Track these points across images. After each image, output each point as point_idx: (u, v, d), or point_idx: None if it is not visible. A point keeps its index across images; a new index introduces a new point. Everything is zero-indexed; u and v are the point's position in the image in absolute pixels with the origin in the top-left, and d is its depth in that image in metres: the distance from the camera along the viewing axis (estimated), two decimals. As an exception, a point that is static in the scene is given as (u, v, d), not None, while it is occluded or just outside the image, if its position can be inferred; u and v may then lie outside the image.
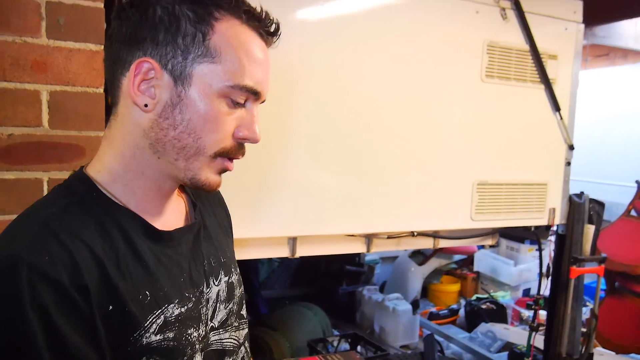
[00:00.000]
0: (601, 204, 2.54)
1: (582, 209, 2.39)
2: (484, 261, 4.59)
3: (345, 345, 2.98)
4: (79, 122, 1.29)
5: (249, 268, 3.77)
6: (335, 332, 3.28)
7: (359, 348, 3.00)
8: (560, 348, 2.45)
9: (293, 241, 1.81)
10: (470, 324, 3.81)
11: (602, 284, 3.58)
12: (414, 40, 1.88)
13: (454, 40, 1.96)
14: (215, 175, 0.80)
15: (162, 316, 0.75)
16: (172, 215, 0.85)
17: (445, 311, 4.07)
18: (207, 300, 0.84)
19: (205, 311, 0.83)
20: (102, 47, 1.30)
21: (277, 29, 0.81)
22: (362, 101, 1.82)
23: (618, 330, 3.31)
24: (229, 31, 0.76)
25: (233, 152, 0.80)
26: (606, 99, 5.61)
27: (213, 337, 0.85)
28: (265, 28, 0.80)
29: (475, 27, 1.99)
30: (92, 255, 0.71)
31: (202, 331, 0.82)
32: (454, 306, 4.18)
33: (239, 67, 0.75)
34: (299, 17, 1.68)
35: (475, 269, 4.65)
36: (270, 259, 4.10)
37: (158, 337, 0.74)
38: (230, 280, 0.90)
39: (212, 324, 0.85)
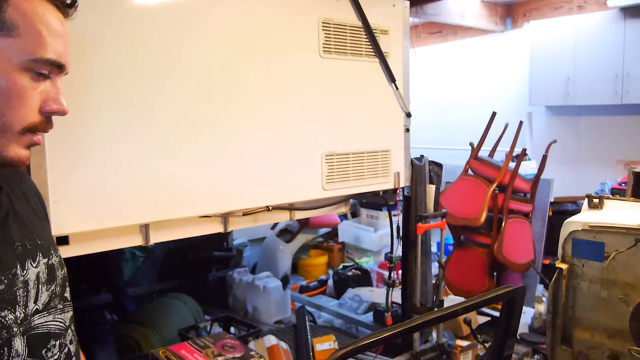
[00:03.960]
0: (439, 165, 2.80)
1: (422, 170, 2.61)
2: (347, 231, 4.83)
3: (218, 329, 2.98)
4: None
5: (111, 267, 3.60)
6: (207, 318, 3.26)
7: (232, 330, 3.02)
8: (415, 299, 2.68)
9: (146, 228, 1.77)
10: (339, 292, 4.00)
11: (450, 240, 3.96)
12: (252, 20, 1.91)
13: (290, 19, 2.02)
14: (24, 150, 0.77)
15: None
16: None
17: (315, 283, 4.23)
18: (26, 283, 0.81)
19: (23, 293, 0.80)
20: None
21: (74, 1, 0.81)
22: (206, 82, 1.81)
23: (466, 278, 3.68)
24: (25, 4, 0.73)
25: (41, 127, 0.78)
26: (442, 72, 6.13)
27: (38, 320, 0.82)
28: (64, 2, 0.79)
29: (309, 5, 2.06)
30: None
31: (21, 314, 0.78)
32: (323, 277, 4.36)
33: (39, 39, 0.74)
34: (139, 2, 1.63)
35: (340, 239, 4.88)
36: (134, 255, 3.95)
37: None
38: (50, 262, 0.87)
39: (36, 307, 0.82)
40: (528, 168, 4.39)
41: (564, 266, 1.33)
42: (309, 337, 2.89)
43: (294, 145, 2.08)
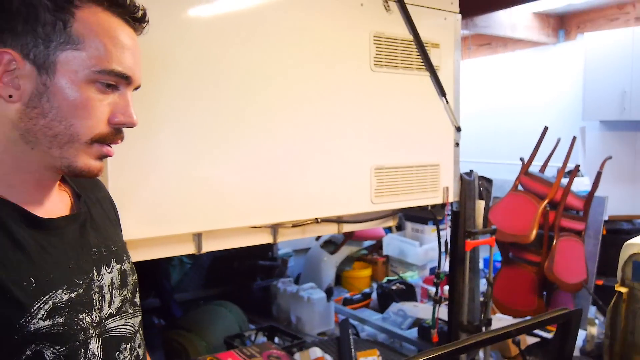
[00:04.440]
0: (489, 180, 2.75)
1: (472, 186, 2.57)
2: (392, 245, 4.79)
3: (262, 339, 3.01)
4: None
5: (159, 273, 3.69)
6: (252, 327, 3.30)
7: (276, 339, 3.04)
8: (462, 317, 2.63)
9: (198, 237, 1.81)
10: (382, 306, 3.97)
11: (498, 256, 3.88)
12: (305, 34, 1.94)
13: (342, 33, 2.04)
14: (94, 161, 0.80)
15: (50, 301, 0.75)
16: (55, 207, 0.84)
17: (359, 295, 4.21)
18: (101, 288, 0.84)
19: (99, 297, 0.83)
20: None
21: (144, 15, 0.83)
22: (259, 96, 1.85)
23: (514, 297, 3.59)
24: (91, 18, 0.76)
25: (110, 138, 0.80)
26: (491, 85, 6.03)
27: (111, 324, 0.85)
28: (131, 14, 0.81)
29: (361, 19, 2.08)
30: None
31: (96, 317, 0.82)
32: (367, 290, 4.33)
33: (104, 52, 0.76)
34: (196, 12, 1.68)
35: (385, 252, 4.84)
36: (181, 261, 4.04)
37: (47, 322, 0.74)
38: (122, 268, 0.91)
39: (110, 311, 0.85)
40: (581, 185, 4.26)
41: (623, 290, 1.29)
42: (352, 350, 2.88)
43: (344, 158, 2.09)
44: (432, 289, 4.16)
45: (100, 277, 0.85)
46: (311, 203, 2.03)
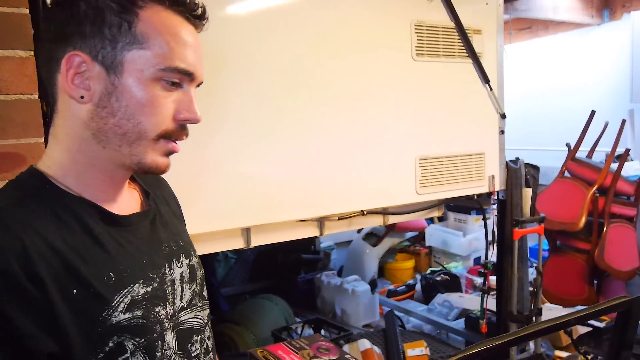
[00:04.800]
0: (536, 168, 2.69)
1: (518, 174, 2.52)
2: (434, 235, 4.74)
3: (309, 331, 3.03)
4: (16, 130, 1.27)
5: (205, 268, 3.75)
6: (298, 320, 3.33)
7: (322, 332, 3.06)
8: (511, 307, 2.59)
9: (247, 232, 1.84)
10: (427, 297, 3.94)
11: (545, 245, 3.79)
12: (345, 25, 1.94)
13: (383, 23, 2.02)
14: (162, 157, 0.83)
15: (128, 295, 0.78)
16: (126, 204, 0.87)
17: (403, 287, 4.20)
18: (173, 282, 0.87)
19: (172, 291, 0.86)
20: (32, 52, 1.28)
21: (204, 12, 0.85)
22: (302, 89, 1.86)
23: (563, 286, 3.51)
24: (154, 17, 0.79)
25: (175, 134, 0.83)
26: (532, 70, 5.88)
27: (183, 317, 0.88)
28: (192, 12, 0.83)
29: (401, 8, 2.06)
30: (46, 243, 0.73)
31: (170, 310, 0.85)
32: (410, 282, 4.31)
33: (167, 50, 0.78)
34: (235, 7, 1.70)
35: (427, 243, 4.80)
36: (226, 256, 4.10)
37: (127, 315, 0.77)
38: (191, 263, 0.93)
39: (181, 304, 0.88)
40: (630, 169, 4.12)
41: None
42: (399, 342, 2.87)
43: (388, 149, 2.08)
44: (477, 280, 4.11)
45: (171, 271, 0.87)
46: (356, 195, 2.03)
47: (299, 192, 1.89)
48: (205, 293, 0.97)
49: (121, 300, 0.77)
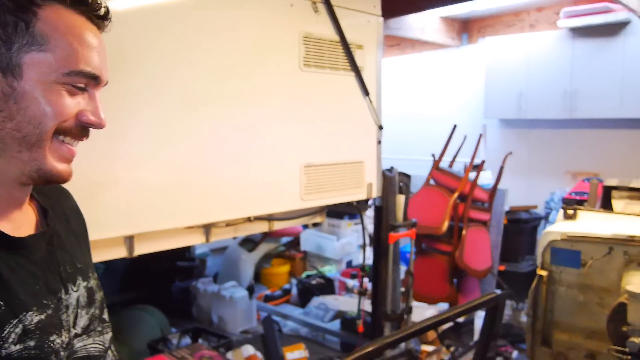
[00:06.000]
0: (408, 176, 2.90)
1: (393, 181, 2.69)
2: (309, 240, 4.87)
3: (186, 341, 2.96)
4: None
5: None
6: (174, 330, 3.23)
7: (200, 341, 3.00)
8: (386, 307, 2.75)
9: (130, 240, 1.76)
10: (303, 300, 4.03)
11: (408, 248, 4.07)
12: (235, 34, 1.93)
13: (273, 33, 2.05)
14: (61, 163, 0.77)
15: (20, 325, 0.71)
16: (23, 224, 0.80)
17: (279, 292, 4.25)
18: (67, 307, 0.81)
19: (67, 317, 0.80)
20: None
21: (107, 12, 0.80)
22: (189, 94, 1.82)
23: (428, 285, 3.79)
24: (55, 17, 0.73)
25: (74, 133, 0.77)
26: (401, 84, 6.29)
27: (78, 344, 0.82)
28: (94, 12, 0.78)
29: (291, 19, 2.11)
30: None
31: (66, 338, 0.79)
32: (287, 286, 4.38)
33: (71, 52, 0.74)
34: (124, 9, 1.62)
35: (302, 248, 4.91)
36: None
37: (18, 346, 0.70)
38: (89, 285, 0.87)
39: (75, 331, 0.82)
40: (483, 178, 4.57)
41: (543, 273, 1.42)
42: (278, 346, 2.91)
43: (275, 156, 2.11)
44: (350, 282, 4.30)
45: (67, 296, 0.81)
46: (243, 202, 2.03)
47: (185, 198, 1.84)
48: (105, 316, 0.91)
49: (12, 330, 0.70)
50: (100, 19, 0.80)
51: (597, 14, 4.24)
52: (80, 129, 0.78)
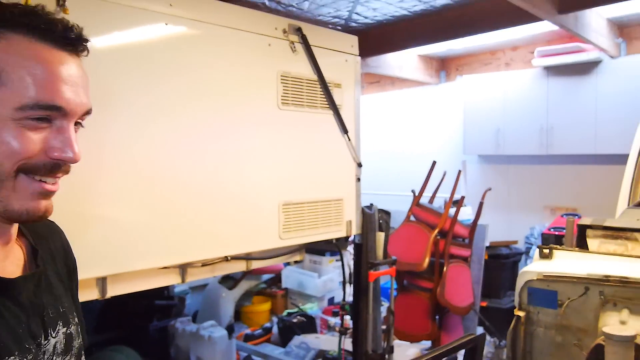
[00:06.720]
0: (388, 213, 2.89)
1: (373, 218, 2.69)
2: (290, 277, 4.81)
3: (163, 384, 2.87)
4: None
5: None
6: (150, 372, 3.13)
7: (177, 383, 2.91)
8: (366, 346, 2.70)
9: (103, 281, 1.71)
10: (284, 339, 3.96)
11: (389, 284, 4.05)
12: (214, 72, 1.95)
13: (251, 72, 2.07)
14: (32, 200, 0.73)
15: None
16: (9, 264, 0.77)
17: (260, 331, 4.17)
18: (44, 353, 0.78)
19: None
20: None
21: (79, 36, 0.75)
22: (166, 132, 1.81)
23: (410, 323, 3.75)
24: (11, 50, 0.70)
25: (45, 169, 0.73)
26: (380, 120, 6.36)
27: None
28: (64, 38, 0.74)
29: (269, 59, 2.13)
30: None
31: None
32: (267, 324, 4.30)
33: (24, 85, 0.70)
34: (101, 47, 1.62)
35: (284, 285, 4.85)
36: (68, 306, 3.74)
37: None
38: (68, 332, 0.84)
39: None
40: (464, 214, 4.59)
41: (521, 314, 1.41)
42: (258, 388, 2.84)
43: (253, 195, 2.10)
44: (331, 319, 4.24)
45: (46, 342, 0.78)
46: (220, 241, 2.00)
47: (160, 238, 1.81)
48: None
49: None
50: (71, 44, 0.75)
51: (569, 54, 4.36)
52: (52, 166, 0.74)
